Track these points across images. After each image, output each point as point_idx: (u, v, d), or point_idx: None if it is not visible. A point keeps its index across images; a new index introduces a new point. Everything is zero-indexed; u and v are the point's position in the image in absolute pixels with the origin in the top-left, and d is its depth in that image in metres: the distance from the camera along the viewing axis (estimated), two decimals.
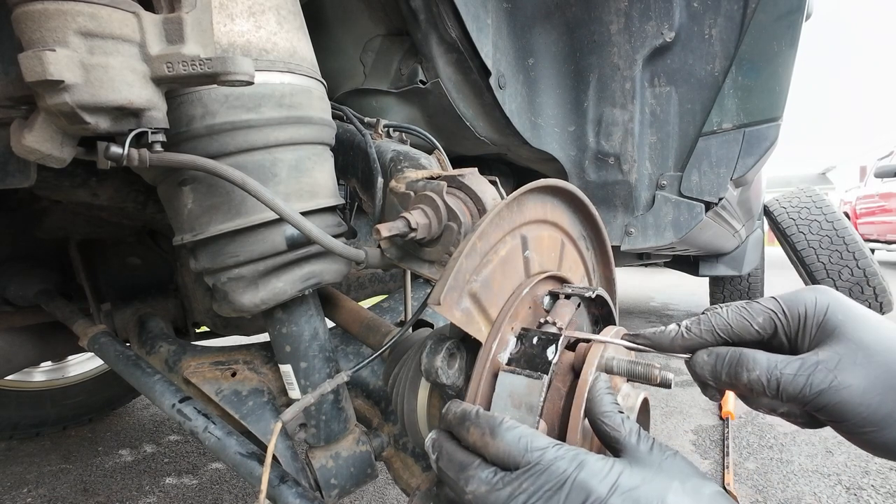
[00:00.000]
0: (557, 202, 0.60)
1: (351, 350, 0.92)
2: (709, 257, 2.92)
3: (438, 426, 0.46)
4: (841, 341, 0.41)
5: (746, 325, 0.44)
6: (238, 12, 0.60)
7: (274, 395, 0.81)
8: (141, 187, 0.94)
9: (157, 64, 0.48)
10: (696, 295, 5.01)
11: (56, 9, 0.43)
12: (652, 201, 1.28)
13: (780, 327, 0.44)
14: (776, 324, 0.44)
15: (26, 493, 1.57)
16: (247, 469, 0.72)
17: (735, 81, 1.17)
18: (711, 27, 1.17)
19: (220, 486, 1.59)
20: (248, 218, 0.62)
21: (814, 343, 0.42)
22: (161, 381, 0.85)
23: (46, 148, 0.46)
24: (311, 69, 0.69)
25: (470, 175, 0.62)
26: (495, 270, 0.51)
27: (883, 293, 3.08)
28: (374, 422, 0.84)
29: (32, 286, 1.12)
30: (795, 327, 0.43)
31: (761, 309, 0.44)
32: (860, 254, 3.08)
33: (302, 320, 0.73)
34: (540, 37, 1.17)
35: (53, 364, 1.93)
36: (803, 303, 0.43)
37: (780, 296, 0.45)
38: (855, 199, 8.07)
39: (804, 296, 0.44)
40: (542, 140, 1.22)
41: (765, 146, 1.18)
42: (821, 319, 0.42)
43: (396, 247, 0.63)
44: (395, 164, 0.75)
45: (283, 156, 0.64)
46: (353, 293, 1.47)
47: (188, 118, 0.60)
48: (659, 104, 1.23)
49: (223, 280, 0.66)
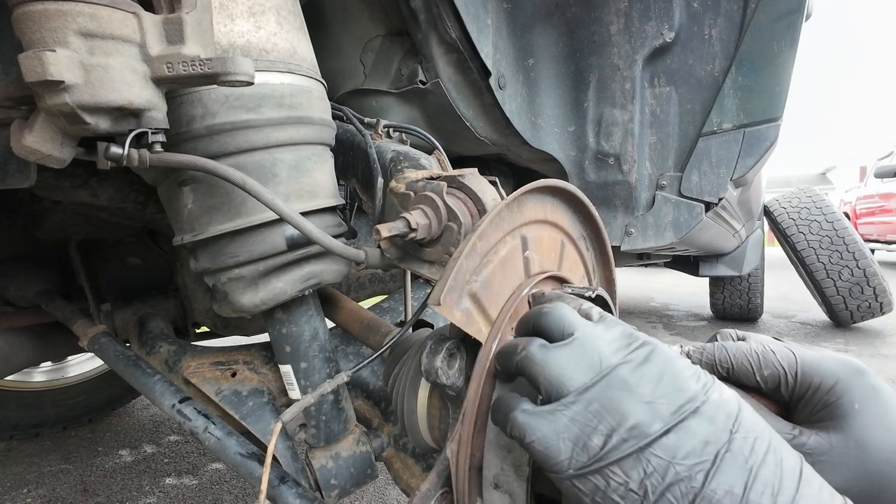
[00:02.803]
0: (557, 202, 0.60)
1: (351, 350, 0.92)
2: (709, 257, 2.92)
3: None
4: (841, 431, 0.37)
5: (749, 374, 0.41)
6: (238, 13, 0.60)
7: (274, 396, 0.81)
8: (141, 188, 0.94)
9: (158, 64, 0.48)
10: (696, 295, 5.01)
11: (56, 9, 0.43)
12: (652, 201, 1.28)
13: (784, 388, 0.40)
14: (781, 383, 0.40)
15: (26, 493, 1.57)
16: (247, 469, 0.72)
17: (735, 81, 1.17)
18: (711, 27, 1.17)
19: (220, 487, 1.59)
20: (248, 218, 0.62)
21: (814, 418, 0.39)
22: (161, 381, 0.85)
23: (46, 148, 0.46)
24: (311, 69, 0.69)
25: (470, 175, 0.62)
26: (495, 271, 0.51)
27: (883, 293, 3.09)
28: (374, 422, 0.84)
29: (32, 286, 1.12)
30: (801, 394, 0.40)
31: (773, 362, 0.41)
32: (860, 254, 3.08)
33: (302, 320, 0.73)
34: (540, 37, 1.17)
35: (53, 364, 1.93)
36: (821, 375, 0.39)
37: (802, 354, 0.41)
38: (855, 199, 8.07)
39: (827, 367, 0.39)
40: (542, 140, 1.22)
41: (765, 146, 1.18)
42: (832, 400, 0.38)
43: (396, 247, 0.63)
44: (395, 164, 0.75)
45: (283, 156, 0.64)
46: (353, 293, 1.47)
47: (188, 118, 0.60)
48: (659, 104, 1.23)
49: (223, 280, 0.66)
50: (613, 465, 0.33)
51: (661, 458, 0.32)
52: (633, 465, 0.32)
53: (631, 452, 0.32)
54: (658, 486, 0.31)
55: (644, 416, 0.33)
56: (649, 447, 0.32)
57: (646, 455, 0.32)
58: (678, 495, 0.31)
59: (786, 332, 3.38)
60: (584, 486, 0.33)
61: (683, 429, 0.33)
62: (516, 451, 0.44)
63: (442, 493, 0.48)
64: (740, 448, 0.32)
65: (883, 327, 3.45)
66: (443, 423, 0.56)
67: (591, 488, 0.33)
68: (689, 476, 0.31)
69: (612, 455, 0.33)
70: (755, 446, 0.32)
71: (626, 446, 0.33)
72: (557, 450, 0.34)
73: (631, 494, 0.32)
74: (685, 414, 0.33)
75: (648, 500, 0.31)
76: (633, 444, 0.33)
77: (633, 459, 0.32)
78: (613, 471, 0.33)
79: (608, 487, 0.32)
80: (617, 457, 0.33)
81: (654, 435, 0.32)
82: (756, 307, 3.54)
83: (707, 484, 0.30)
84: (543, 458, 0.35)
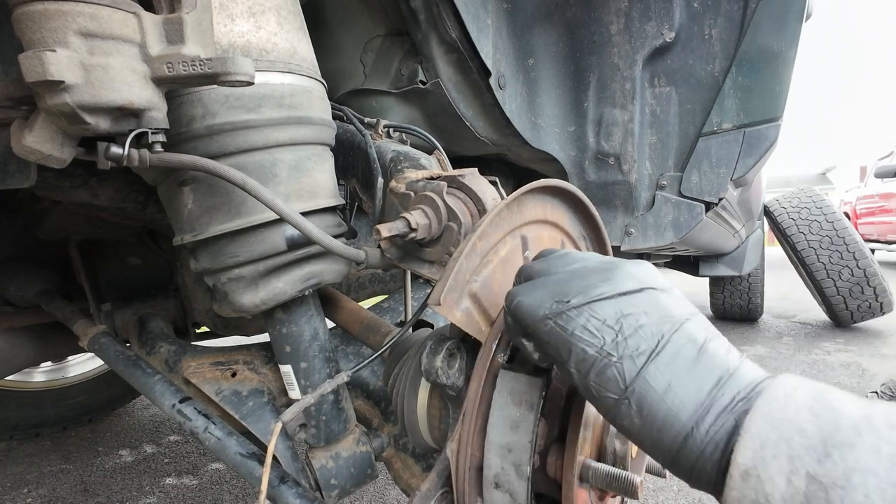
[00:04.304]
0: (557, 202, 0.60)
1: (351, 350, 0.92)
2: (709, 257, 2.92)
3: None
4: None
5: None
6: (238, 13, 0.60)
7: (274, 396, 0.81)
8: (141, 188, 0.94)
9: (158, 64, 0.48)
10: (696, 295, 5.01)
11: (56, 9, 0.43)
12: (652, 201, 1.28)
13: None
14: None
15: (26, 493, 1.57)
16: (247, 469, 0.72)
17: (735, 81, 1.17)
18: (711, 27, 1.17)
19: (220, 487, 1.59)
20: (248, 218, 0.62)
21: None
22: (161, 381, 0.85)
23: (47, 148, 0.46)
24: (312, 69, 0.69)
25: (470, 175, 0.62)
26: (495, 271, 0.51)
27: (883, 293, 3.08)
28: (374, 422, 0.84)
29: (32, 286, 1.12)
30: None
31: None
32: (860, 254, 3.07)
33: (302, 320, 0.73)
34: (540, 37, 1.17)
35: (53, 364, 1.93)
36: None
37: None
38: (855, 199, 8.06)
39: None
40: (543, 140, 1.22)
41: (765, 146, 1.18)
42: None
43: (396, 247, 0.63)
44: (395, 164, 0.75)
45: (283, 156, 0.64)
46: (353, 293, 1.47)
47: (188, 118, 0.60)
48: (659, 104, 1.23)
49: (223, 280, 0.66)
50: (593, 304, 0.38)
51: (636, 306, 0.38)
52: (611, 305, 0.38)
53: (610, 296, 0.38)
54: (632, 325, 0.37)
55: (623, 278, 0.40)
56: (626, 296, 0.38)
57: (623, 301, 0.38)
58: (648, 334, 0.37)
59: (786, 333, 3.38)
60: (565, 322, 0.38)
61: (656, 294, 0.39)
62: (516, 451, 0.44)
63: (442, 492, 0.48)
64: (700, 321, 0.39)
65: (883, 327, 3.44)
66: (443, 423, 0.56)
67: (572, 325, 0.38)
68: (659, 323, 0.37)
69: (591, 295, 0.38)
70: (709, 326, 0.39)
71: (606, 290, 0.39)
72: (540, 299, 0.40)
73: (607, 329, 0.37)
74: (658, 286, 0.40)
75: (623, 335, 0.37)
76: (612, 291, 0.39)
77: (612, 302, 0.38)
78: (593, 308, 0.38)
79: (588, 322, 0.38)
80: (597, 297, 0.38)
81: (632, 289, 0.39)
82: (756, 307, 3.54)
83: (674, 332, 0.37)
84: (527, 308, 0.40)
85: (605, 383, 0.36)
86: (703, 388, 0.35)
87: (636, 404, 0.35)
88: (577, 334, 0.38)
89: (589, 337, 0.37)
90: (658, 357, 0.36)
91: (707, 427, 0.34)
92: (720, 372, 0.35)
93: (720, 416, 0.34)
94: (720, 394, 0.34)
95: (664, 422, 0.34)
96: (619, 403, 0.36)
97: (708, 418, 0.34)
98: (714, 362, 0.36)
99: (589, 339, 0.37)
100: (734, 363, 0.36)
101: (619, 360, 0.36)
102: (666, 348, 0.36)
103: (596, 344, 0.37)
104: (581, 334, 0.37)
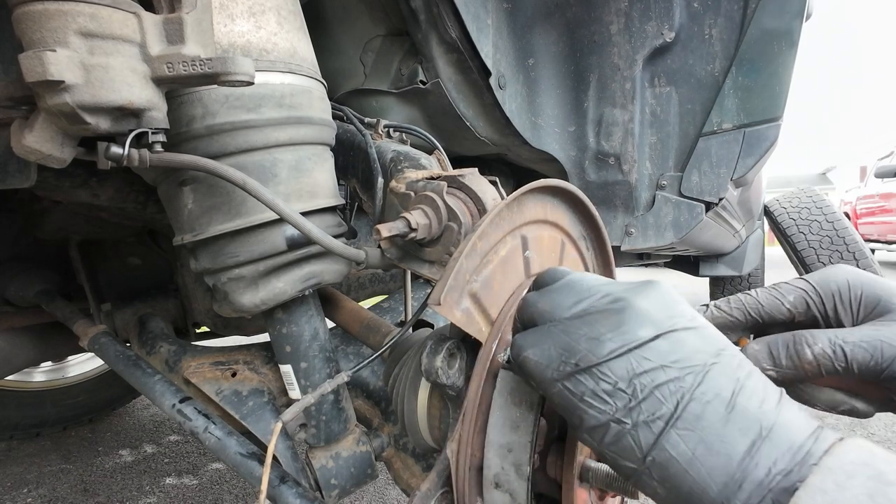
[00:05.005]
0: (557, 202, 0.60)
1: (351, 350, 0.92)
2: (709, 257, 2.92)
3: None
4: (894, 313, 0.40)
5: (777, 304, 0.43)
6: (238, 13, 0.60)
7: (274, 396, 0.81)
8: (141, 188, 0.94)
9: (158, 64, 0.48)
10: (696, 295, 5.01)
11: (56, 9, 0.43)
12: (652, 201, 1.28)
13: (813, 305, 0.43)
14: (808, 302, 0.43)
15: (26, 493, 1.57)
16: (247, 469, 0.72)
17: (735, 81, 1.17)
18: (711, 27, 1.17)
19: (220, 487, 1.59)
20: (248, 218, 0.62)
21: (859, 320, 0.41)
22: (161, 381, 0.85)
23: (47, 148, 0.46)
24: (312, 69, 0.69)
25: (470, 175, 0.62)
26: (495, 270, 0.51)
27: None
28: (374, 422, 0.84)
29: (33, 286, 1.12)
30: (831, 305, 0.42)
31: (791, 288, 0.43)
32: (860, 254, 3.07)
33: (302, 320, 0.73)
34: (540, 37, 1.17)
35: (53, 364, 1.93)
36: (834, 281, 0.42)
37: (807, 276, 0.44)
38: (855, 199, 8.07)
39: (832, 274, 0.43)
40: (543, 140, 1.22)
41: (765, 146, 1.18)
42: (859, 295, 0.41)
43: (396, 247, 0.63)
44: (396, 164, 0.75)
45: (283, 156, 0.64)
46: (353, 293, 1.47)
47: (188, 118, 0.60)
48: (659, 104, 1.23)
49: (223, 280, 0.66)
50: (602, 365, 0.33)
51: (651, 360, 0.33)
52: (622, 365, 0.33)
53: (621, 353, 0.33)
54: (647, 385, 0.32)
55: (635, 323, 0.34)
56: (639, 349, 0.33)
57: (635, 357, 0.33)
58: (667, 394, 0.32)
59: None
60: (574, 387, 0.34)
61: (674, 337, 0.34)
62: (516, 451, 0.44)
63: (442, 492, 0.48)
64: (728, 362, 0.33)
65: None
66: (443, 423, 0.56)
67: (581, 389, 0.34)
68: (678, 377, 0.32)
69: (600, 354, 0.34)
70: (741, 363, 0.33)
71: (615, 347, 0.33)
72: (548, 356, 0.36)
73: (619, 393, 0.33)
74: (677, 327, 0.34)
75: (636, 398, 0.32)
76: (622, 347, 0.33)
77: (623, 360, 0.33)
78: (602, 370, 0.33)
79: (597, 387, 0.33)
80: (606, 357, 0.33)
81: (645, 339, 0.33)
82: None
83: (696, 386, 0.32)
84: (535, 367, 0.36)
85: (621, 452, 0.32)
86: (734, 457, 0.30)
87: (658, 475, 0.31)
88: (588, 400, 0.33)
89: (600, 403, 0.33)
90: (679, 421, 0.31)
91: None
92: (753, 435, 0.30)
93: (754, 493, 0.29)
94: (753, 464, 0.29)
95: (689, 496, 0.30)
96: (639, 473, 0.32)
97: (741, 495, 0.29)
98: (745, 421, 0.30)
99: (600, 406, 0.33)
100: (769, 418, 0.30)
101: (634, 427, 0.32)
102: (688, 409, 0.31)
103: (608, 411, 0.33)
104: (591, 400, 0.33)
